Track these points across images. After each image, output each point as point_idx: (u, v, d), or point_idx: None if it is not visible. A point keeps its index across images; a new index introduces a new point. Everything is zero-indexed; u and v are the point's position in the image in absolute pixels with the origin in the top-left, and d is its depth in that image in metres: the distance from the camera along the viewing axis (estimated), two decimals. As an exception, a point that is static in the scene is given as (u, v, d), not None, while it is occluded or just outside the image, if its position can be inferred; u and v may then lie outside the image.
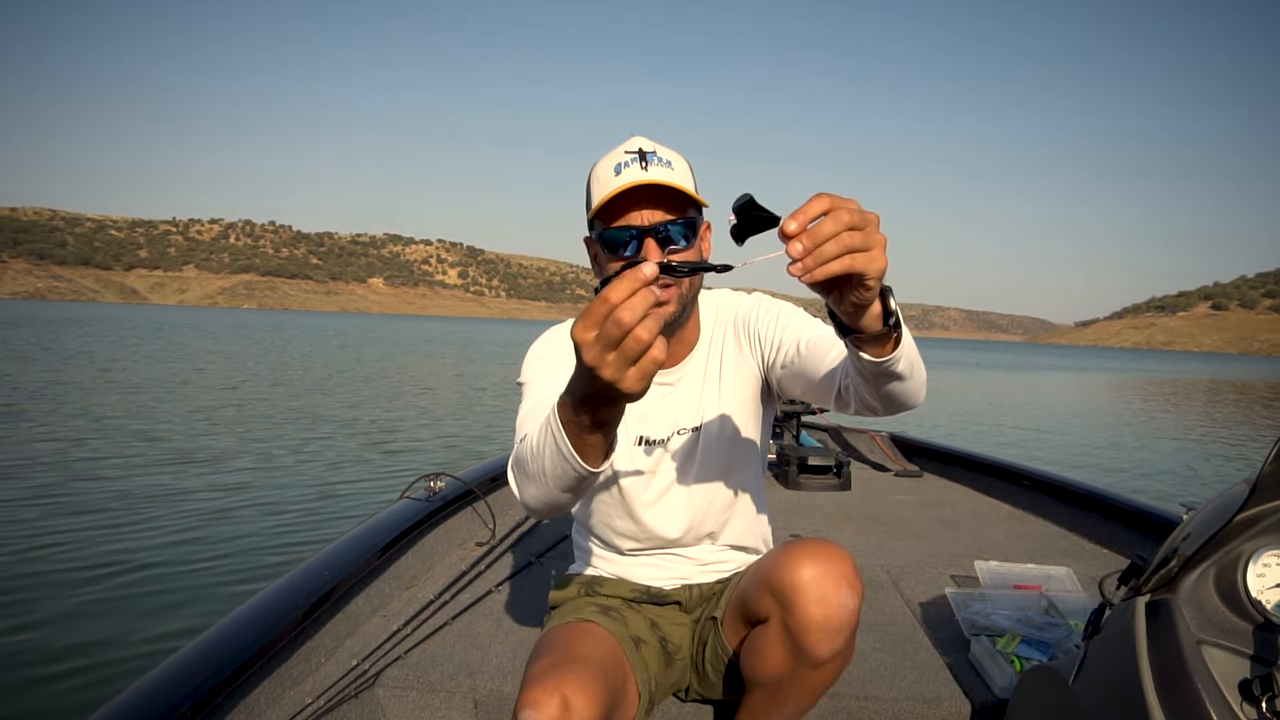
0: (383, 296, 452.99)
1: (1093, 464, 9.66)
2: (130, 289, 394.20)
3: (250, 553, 4.32)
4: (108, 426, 8.34)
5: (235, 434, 8.37)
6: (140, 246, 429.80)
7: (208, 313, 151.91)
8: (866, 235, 0.74)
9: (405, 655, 1.61)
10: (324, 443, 8.12)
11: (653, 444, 1.33)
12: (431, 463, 7.06)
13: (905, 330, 0.96)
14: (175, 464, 6.58)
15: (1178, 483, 8.76)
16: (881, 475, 3.86)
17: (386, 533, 2.04)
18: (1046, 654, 1.65)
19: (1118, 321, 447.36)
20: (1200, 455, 11.28)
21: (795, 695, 1.19)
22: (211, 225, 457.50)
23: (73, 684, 2.77)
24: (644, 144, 1.18)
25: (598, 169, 1.20)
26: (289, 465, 6.84)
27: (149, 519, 4.83)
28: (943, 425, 12.85)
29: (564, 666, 1.10)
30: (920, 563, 2.45)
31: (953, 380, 28.46)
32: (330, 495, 5.81)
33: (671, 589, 1.42)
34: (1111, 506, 2.79)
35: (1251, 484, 0.97)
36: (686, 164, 1.22)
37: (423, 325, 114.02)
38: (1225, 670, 0.93)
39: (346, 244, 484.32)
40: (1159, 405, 21.53)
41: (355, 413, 10.86)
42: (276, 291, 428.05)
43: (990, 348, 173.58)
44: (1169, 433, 14.19)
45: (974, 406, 17.84)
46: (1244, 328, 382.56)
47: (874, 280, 0.78)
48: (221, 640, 1.38)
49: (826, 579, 1.09)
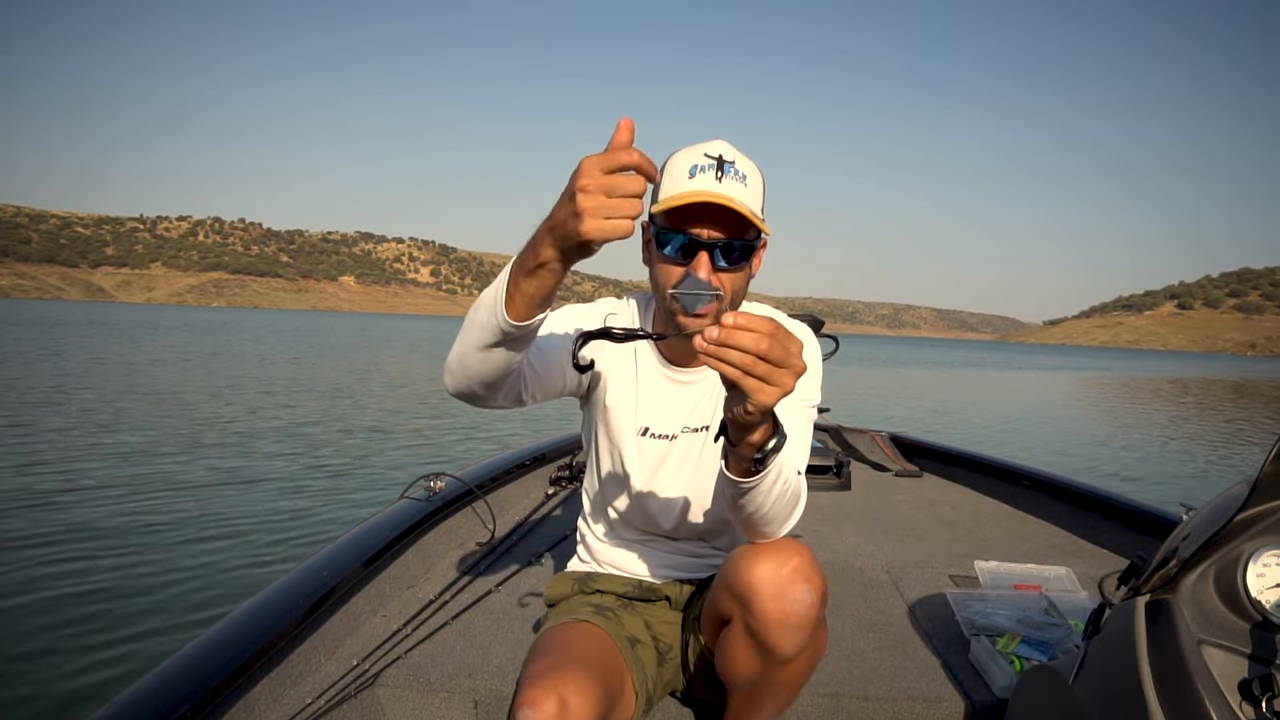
0: (354, 295, 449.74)
1: (1084, 464, 9.67)
2: (96, 287, 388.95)
3: (251, 549, 4.32)
4: (106, 428, 8.34)
5: (233, 435, 8.37)
6: (107, 244, 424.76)
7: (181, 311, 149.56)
8: (771, 370, 0.84)
9: (405, 655, 1.61)
10: (323, 442, 8.12)
11: (659, 437, 1.34)
12: (431, 463, 7.06)
13: (775, 480, 1.02)
14: (170, 468, 6.58)
15: (1157, 480, 8.77)
16: (881, 475, 3.86)
17: (386, 533, 2.04)
18: (1046, 654, 1.65)
19: (1086, 321, 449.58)
20: (1179, 454, 11.30)
21: (771, 693, 1.19)
22: (180, 222, 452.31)
23: (74, 683, 2.77)
24: (725, 151, 1.16)
25: (674, 162, 1.18)
26: (289, 465, 6.84)
27: (134, 527, 4.83)
28: (929, 424, 12.86)
29: (561, 667, 1.11)
30: (920, 563, 2.45)
31: (928, 379, 28.63)
32: (329, 495, 5.82)
33: (661, 583, 1.43)
34: (1111, 506, 2.79)
35: (1251, 484, 0.97)
36: (761, 179, 1.21)
37: (401, 324, 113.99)
38: (1225, 670, 0.93)
39: (317, 242, 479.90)
40: (1142, 404, 21.59)
41: (355, 413, 10.86)
42: (246, 290, 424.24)
43: (961, 346, 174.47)
44: (1146, 431, 14.20)
45: (953, 405, 17.89)
46: (1209, 327, 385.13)
47: (754, 408, 0.86)
48: (221, 640, 1.38)
49: (782, 575, 1.08)
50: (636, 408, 1.34)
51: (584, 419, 1.46)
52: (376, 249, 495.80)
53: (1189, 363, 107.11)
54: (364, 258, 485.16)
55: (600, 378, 1.35)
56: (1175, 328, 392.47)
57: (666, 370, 1.35)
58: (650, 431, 1.34)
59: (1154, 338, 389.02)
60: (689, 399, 1.35)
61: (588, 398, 1.40)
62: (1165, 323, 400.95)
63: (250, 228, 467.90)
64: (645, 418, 1.34)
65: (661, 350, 1.35)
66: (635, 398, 1.35)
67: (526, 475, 3.02)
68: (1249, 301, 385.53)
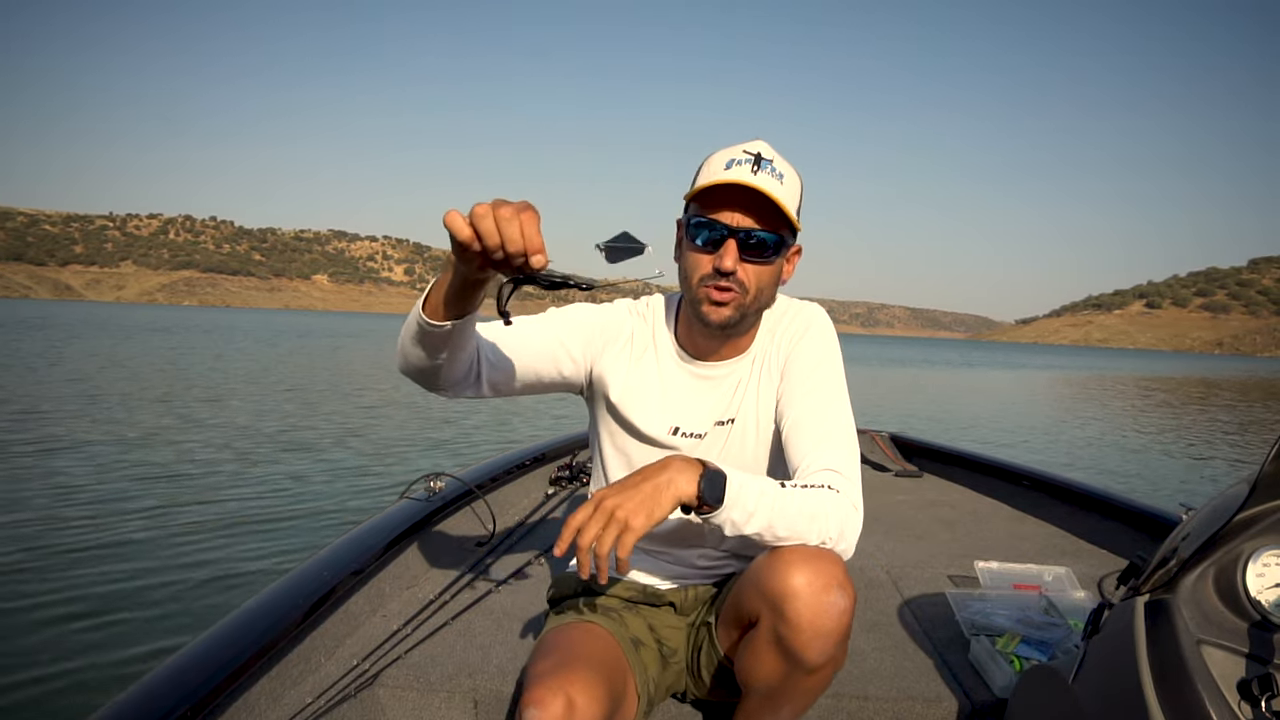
0: (327, 293, 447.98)
1: (1083, 464, 9.67)
2: (65, 285, 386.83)
3: (251, 549, 4.32)
4: (101, 426, 8.34)
5: (232, 435, 8.37)
6: (75, 242, 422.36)
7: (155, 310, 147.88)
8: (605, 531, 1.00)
9: (405, 655, 1.61)
10: (323, 443, 8.12)
11: (690, 436, 1.33)
12: (431, 463, 7.06)
13: (750, 511, 1.06)
14: (170, 468, 6.58)
15: (1157, 480, 8.77)
16: (881, 475, 3.86)
17: (386, 533, 2.03)
18: (1046, 654, 1.65)
19: (1057, 319, 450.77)
20: (1172, 452, 11.30)
21: (789, 700, 1.18)
22: (150, 220, 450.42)
23: (74, 684, 2.77)
24: (764, 150, 1.17)
25: (712, 159, 1.19)
26: (289, 465, 6.84)
27: (129, 527, 4.83)
28: (929, 424, 12.86)
29: (568, 666, 1.11)
30: (920, 563, 2.45)
31: (902, 378, 28.71)
32: (329, 496, 5.82)
33: (667, 589, 1.42)
34: (1111, 506, 2.79)
35: (1251, 484, 0.96)
36: (799, 182, 1.21)
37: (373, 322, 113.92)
38: (1225, 670, 0.93)
39: (290, 240, 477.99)
40: (1142, 404, 21.61)
41: (355, 413, 10.86)
42: (218, 288, 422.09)
43: (935, 345, 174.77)
44: (1143, 431, 14.20)
45: (923, 406, 17.91)
46: (1177, 325, 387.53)
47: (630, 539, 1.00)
48: (221, 640, 1.38)
49: (817, 583, 1.07)
50: (665, 406, 1.32)
51: (593, 418, 1.43)
52: (350, 247, 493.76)
53: (1165, 361, 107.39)
54: (337, 256, 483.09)
55: (613, 376, 1.34)
56: (1144, 326, 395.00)
57: (691, 365, 1.33)
58: (681, 431, 1.32)
59: (1123, 336, 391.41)
60: (716, 393, 1.33)
61: (597, 396, 1.37)
62: (1134, 321, 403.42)
63: (222, 226, 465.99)
64: (676, 416, 1.32)
65: (684, 345, 1.33)
66: (661, 395, 1.33)
67: (526, 475, 3.01)
68: (1216, 301, 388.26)
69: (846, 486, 1.15)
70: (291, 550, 4.38)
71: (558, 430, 3.72)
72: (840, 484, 1.14)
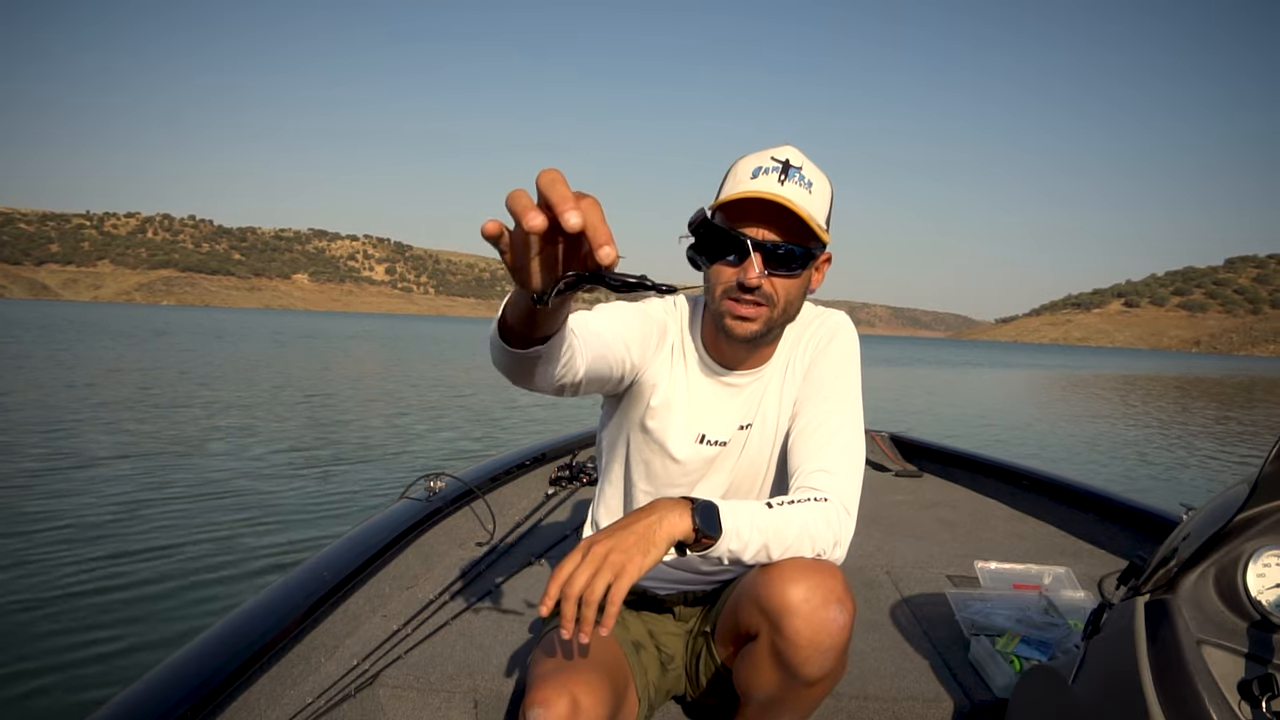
0: (308, 293, 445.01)
1: (1081, 463, 9.67)
2: (41, 284, 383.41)
3: (251, 550, 4.32)
4: (97, 423, 8.34)
5: (232, 435, 8.37)
6: (51, 240, 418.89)
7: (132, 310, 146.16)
8: (596, 577, 0.94)
9: (405, 655, 1.61)
10: (323, 443, 8.12)
11: (713, 444, 1.31)
12: (431, 463, 7.06)
13: (746, 542, 1.05)
14: (170, 468, 6.57)
15: (1154, 479, 8.77)
16: (881, 475, 3.86)
17: (386, 533, 2.04)
18: (1046, 654, 1.65)
19: (1036, 318, 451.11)
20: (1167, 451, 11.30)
21: (788, 711, 1.17)
22: (128, 219, 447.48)
23: (74, 683, 2.77)
24: (792, 156, 1.15)
25: (738, 165, 1.17)
26: (288, 465, 6.84)
27: (133, 527, 4.83)
28: (928, 424, 12.86)
29: (571, 666, 1.11)
30: (920, 563, 2.45)
31: (889, 376, 28.74)
32: (329, 496, 5.81)
33: (666, 594, 1.42)
34: (1111, 506, 2.79)
35: (1251, 484, 0.96)
36: (828, 189, 1.19)
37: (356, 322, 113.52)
38: (1225, 670, 0.93)
39: (270, 239, 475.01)
40: (1138, 403, 21.63)
41: (354, 413, 10.86)
42: (197, 288, 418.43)
43: (917, 344, 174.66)
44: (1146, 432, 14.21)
45: (948, 406, 17.91)
46: (1155, 324, 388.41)
47: (625, 583, 0.95)
48: (221, 640, 1.38)
49: (816, 599, 1.05)
50: (692, 413, 1.30)
51: (609, 420, 1.39)
52: (330, 246, 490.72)
53: (1146, 360, 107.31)
54: (317, 255, 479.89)
55: (659, 380, 1.30)
56: (1123, 325, 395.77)
57: (718, 373, 1.31)
58: (706, 438, 1.31)
59: (1102, 335, 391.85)
60: (739, 399, 1.31)
61: (633, 398, 1.33)
62: (1113, 320, 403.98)
63: (201, 225, 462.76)
64: (701, 423, 1.30)
65: (711, 354, 1.31)
66: (687, 401, 1.31)
67: (526, 475, 3.01)
68: (1193, 300, 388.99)
69: (837, 488, 1.14)
70: (291, 550, 4.38)
71: (558, 430, 3.71)
72: (830, 485, 1.14)
